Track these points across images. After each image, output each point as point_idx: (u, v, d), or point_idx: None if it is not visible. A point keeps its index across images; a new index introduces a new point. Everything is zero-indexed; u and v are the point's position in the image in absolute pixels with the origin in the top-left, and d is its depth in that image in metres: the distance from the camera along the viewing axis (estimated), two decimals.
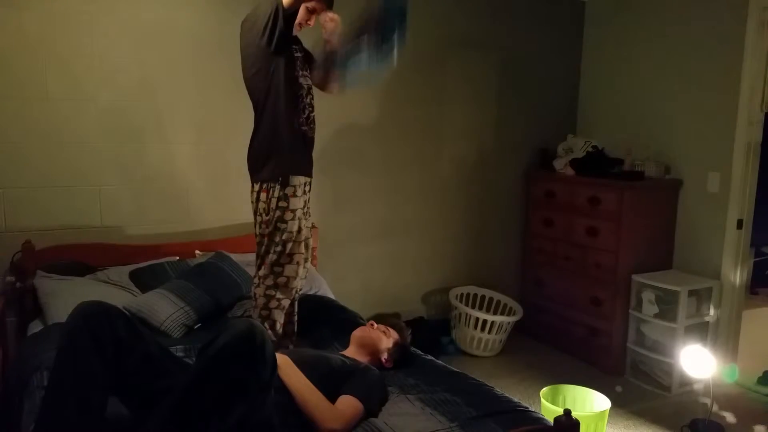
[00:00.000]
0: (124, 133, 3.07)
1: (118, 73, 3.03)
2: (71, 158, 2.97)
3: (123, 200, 3.10)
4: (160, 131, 3.16)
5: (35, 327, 2.62)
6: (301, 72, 2.37)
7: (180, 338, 2.54)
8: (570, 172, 4.02)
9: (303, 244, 2.37)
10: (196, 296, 2.68)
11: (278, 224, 2.29)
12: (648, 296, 3.58)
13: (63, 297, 2.66)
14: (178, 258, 3.05)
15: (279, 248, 2.30)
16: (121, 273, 2.87)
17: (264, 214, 2.32)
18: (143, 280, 2.84)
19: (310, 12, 2.33)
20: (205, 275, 2.83)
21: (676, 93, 3.81)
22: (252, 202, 2.38)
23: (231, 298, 2.83)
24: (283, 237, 2.29)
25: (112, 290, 2.76)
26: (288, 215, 2.29)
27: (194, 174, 3.26)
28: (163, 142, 3.17)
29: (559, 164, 4.11)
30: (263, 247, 2.35)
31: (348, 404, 1.86)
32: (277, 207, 2.28)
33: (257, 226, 2.37)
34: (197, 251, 3.13)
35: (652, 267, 3.71)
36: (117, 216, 3.09)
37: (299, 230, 2.34)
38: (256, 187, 2.34)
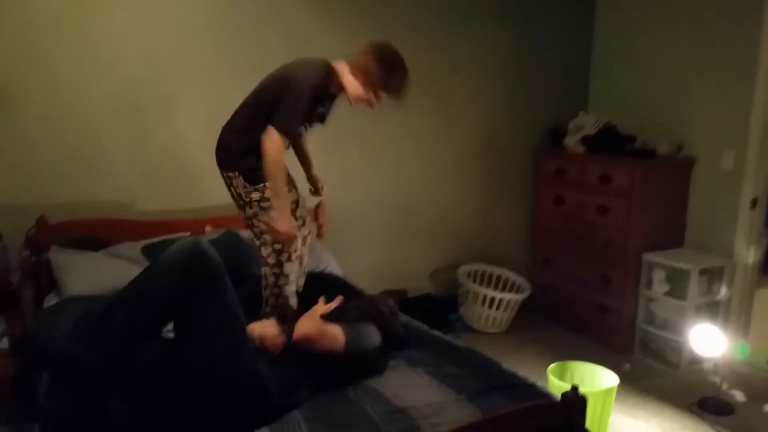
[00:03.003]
0: (133, 111, 3.08)
1: (127, 51, 3.03)
2: (82, 136, 2.99)
3: (134, 177, 3.13)
4: (168, 110, 3.17)
5: (51, 300, 2.66)
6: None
7: None
8: (581, 149, 3.98)
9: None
10: None
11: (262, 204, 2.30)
12: (659, 274, 3.57)
13: (77, 271, 2.70)
14: (188, 234, 3.07)
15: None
16: (133, 248, 2.89)
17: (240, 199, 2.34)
18: (155, 255, 2.86)
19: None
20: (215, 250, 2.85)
21: (691, 69, 3.74)
22: (227, 186, 2.39)
23: (241, 275, 2.85)
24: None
25: (125, 265, 2.79)
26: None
27: (202, 151, 3.26)
28: (172, 121, 3.18)
29: (570, 142, 4.07)
30: (257, 230, 2.36)
31: (335, 327, 1.92)
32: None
33: (241, 210, 2.39)
34: (207, 228, 3.15)
35: (663, 245, 3.69)
36: (129, 192, 3.12)
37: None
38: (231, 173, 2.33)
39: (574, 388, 1.81)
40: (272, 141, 2.17)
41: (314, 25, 3.46)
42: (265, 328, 1.93)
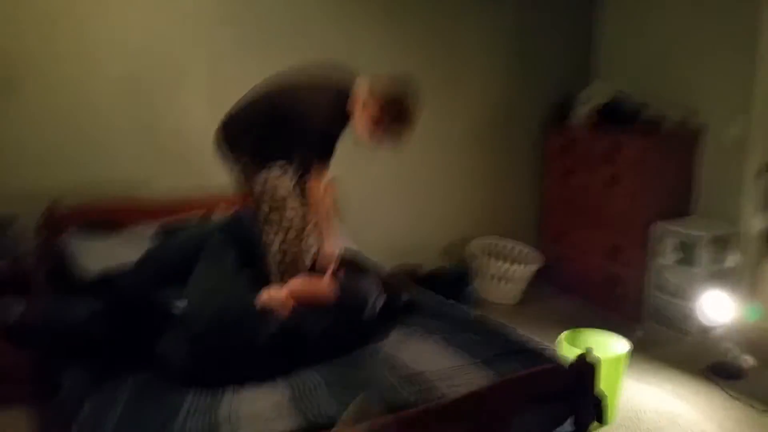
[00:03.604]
0: (141, 91, 3.10)
1: (135, 32, 3.04)
2: (91, 119, 3.02)
3: (145, 158, 3.16)
4: (176, 90, 3.19)
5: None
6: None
7: None
8: (590, 120, 3.96)
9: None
10: (223, 251, 2.73)
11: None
12: (670, 243, 3.57)
13: (92, 255, 2.72)
14: (202, 213, 3.10)
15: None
16: (148, 230, 2.92)
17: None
18: (170, 237, 2.88)
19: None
20: (230, 229, 2.86)
21: (699, 38, 3.71)
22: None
23: (256, 253, 2.87)
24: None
25: (140, 248, 2.82)
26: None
27: (211, 131, 3.28)
28: (180, 101, 3.20)
29: (579, 113, 4.06)
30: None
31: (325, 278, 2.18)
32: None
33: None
34: (221, 206, 3.16)
35: (673, 214, 3.70)
36: (140, 173, 3.15)
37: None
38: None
39: (587, 352, 1.84)
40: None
41: (321, 9, 3.45)
42: (272, 294, 2.06)
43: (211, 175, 3.30)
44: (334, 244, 2.57)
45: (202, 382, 1.75)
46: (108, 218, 2.96)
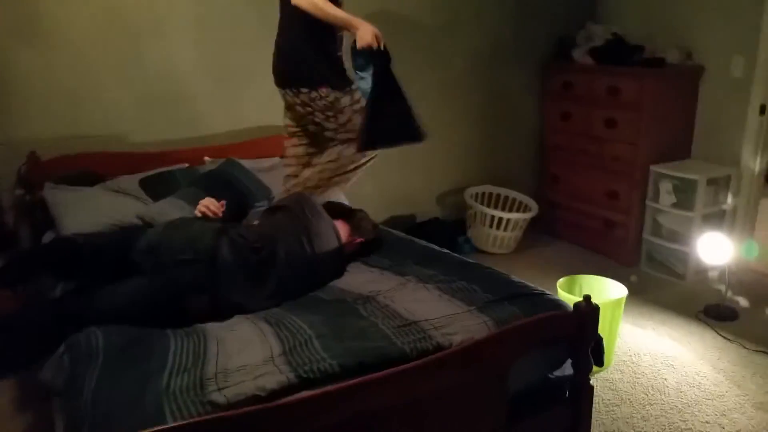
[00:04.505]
0: (121, 33, 2.93)
1: None
2: (70, 64, 2.86)
3: (126, 106, 3.01)
4: (158, 31, 3.01)
5: (48, 239, 2.62)
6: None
7: None
8: (589, 61, 3.85)
9: None
10: None
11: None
12: (665, 186, 3.52)
13: (74, 208, 2.64)
14: (187, 165, 3.00)
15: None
16: (130, 182, 2.82)
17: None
18: (154, 189, 2.80)
19: None
20: (216, 182, 2.79)
21: None
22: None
23: (242, 203, 2.80)
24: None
25: (123, 199, 2.73)
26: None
27: (198, 76, 3.14)
28: (163, 43, 3.03)
29: (578, 54, 3.93)
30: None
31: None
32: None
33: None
34: (206, 158, 3.07)
35: (671, 157, 3.64)
36: (122, 123, 3.02)
37: None
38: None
39: (587, 298, 1.80)
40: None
41: None
42: (206, 202, 2.34)
43: (198, 125, 3.20)
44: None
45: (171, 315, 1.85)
46: (89, 171, 2.85)
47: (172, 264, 1.97)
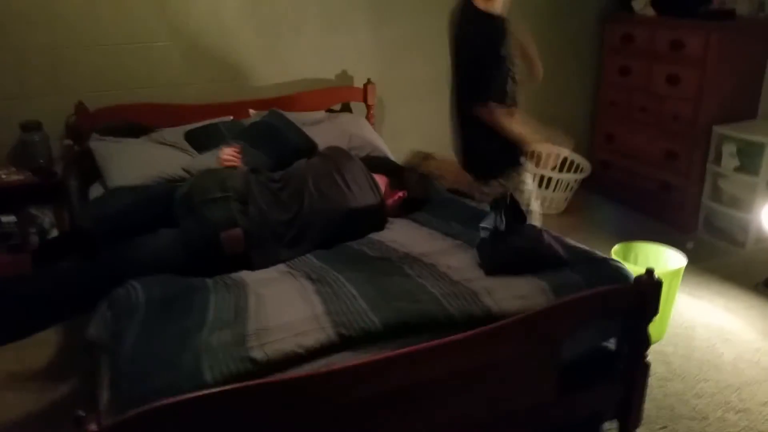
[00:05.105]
0: None
1: None
2: (117, 16, 2.81)
3: (173, 58, 2.96)
4: None
5: (96, 190, 2.63)
6: None
7: None
8: (651, 12, 3.60)
9: None
10: (252, 155, 2.60)
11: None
12: (729, 149, 3.32)
13: (120, 160, 2.64)
14: (231, 118, 2.95)
15: None
16: (176, 134, 2.80)
17: None
18: (199, 141, 2.77)
19: None
20: (260, 134, 2.74)
21: None
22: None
23: (287, 157, 2.74)
24: None
25: (169, 151, 2.72)
26: None
27: (244, 29, 3.06)
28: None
29: (639, 4, 3.68)
30: None
31: None
32: None
33: None
34: (251, 110, 3.01)
35: (735, 117, 3.41)
36: (168, 75, 2.97)
37: None
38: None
39: (649, 272, 1.70)
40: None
41: None
42: (225, 153, 2.36)
43: (244, 78, 3.13)
44: None
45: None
46: (134, 122, 2.83)
47: (202, 204, 1.97)
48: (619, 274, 1.80)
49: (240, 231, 1.93)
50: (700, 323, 2.63)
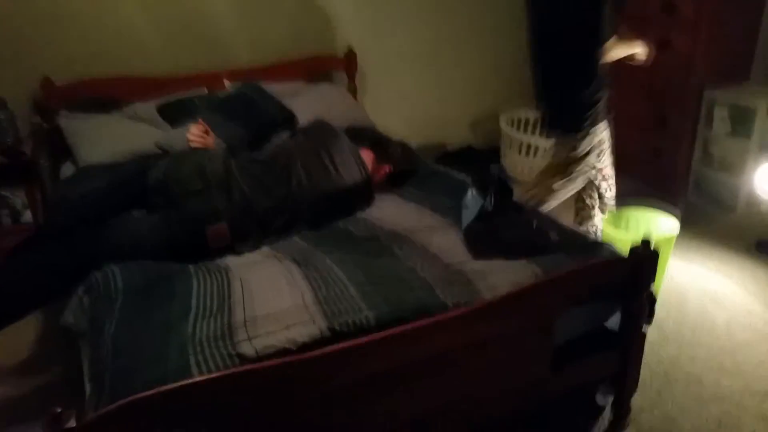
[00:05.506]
0: None
1: None
2: None
3: (141, 26, 2.82)
4: None
5: (67, 170, 2.52)
6: None
7: None
8: None
9: None
10: (227, 129, 2.49)
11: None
12: (720, 113, 3.25)
13: (90, 137, 2.54)
14: (205, 90, 2.83)
15: None
16: (148, 108, 2.69)
17: None
18: (172, 115, 2.66)
19: None
20: (236, 107, 2.62)
21: None
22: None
23: (265, 130, 2.64)
24: None
25: (141, 127, 2.61)
26: None
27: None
28: None
29: None
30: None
31: None
32: None
33: None
34: (226, 81, 2.89)
35: (727, 80, 3.32)
36: (137, 44, 2.84)
37: None
38: None
39: (645, 243, 1.62)
40: None
41: None
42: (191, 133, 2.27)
43: (217, 48, 2.99)
44: None
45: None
46: (104, 95, 2.70)
47: (184, 196, 1.88)
48: (614, 258, 1.73)
49: (225, 226, 1.85)
50: (693, 287, 2.59)
